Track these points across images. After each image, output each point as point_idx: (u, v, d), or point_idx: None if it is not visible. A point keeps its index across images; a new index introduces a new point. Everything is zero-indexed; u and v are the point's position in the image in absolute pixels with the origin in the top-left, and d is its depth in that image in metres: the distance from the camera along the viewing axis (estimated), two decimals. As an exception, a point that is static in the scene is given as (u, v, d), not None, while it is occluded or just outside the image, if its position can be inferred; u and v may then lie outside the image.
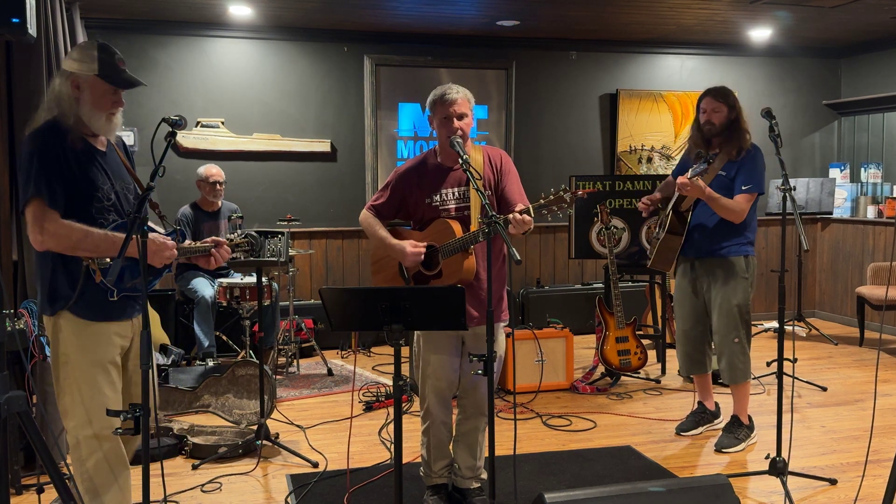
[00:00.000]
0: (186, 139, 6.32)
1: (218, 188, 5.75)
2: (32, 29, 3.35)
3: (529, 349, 5.15)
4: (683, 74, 7.42)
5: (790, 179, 3.73)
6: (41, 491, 3.32)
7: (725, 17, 6.20)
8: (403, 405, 4.11)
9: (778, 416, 3.55)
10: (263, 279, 4.51)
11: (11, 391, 2.05)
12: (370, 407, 4.86)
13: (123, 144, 2.85)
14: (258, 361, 4.19)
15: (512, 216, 2.88)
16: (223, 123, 6.45)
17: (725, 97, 4.02)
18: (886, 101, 7.16)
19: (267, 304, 5.54)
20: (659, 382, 5.44)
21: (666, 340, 5.83)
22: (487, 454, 2.81)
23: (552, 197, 2.86)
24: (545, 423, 4.61)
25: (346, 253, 6.82)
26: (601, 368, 5.43)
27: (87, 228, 2.54)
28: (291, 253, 5.39)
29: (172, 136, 2.46)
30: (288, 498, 3.56)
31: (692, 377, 4.52)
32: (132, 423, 2.34)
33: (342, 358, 6.28)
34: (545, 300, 6.89)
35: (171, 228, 2.78)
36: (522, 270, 7.13)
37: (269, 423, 4.17)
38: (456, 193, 3.19)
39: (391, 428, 3.92)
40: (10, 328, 3.27)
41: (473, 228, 3.09)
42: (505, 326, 3.39)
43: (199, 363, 5.51)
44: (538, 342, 5.14)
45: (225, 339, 5.93)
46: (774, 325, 3.76)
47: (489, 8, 5.92)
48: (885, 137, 7.35)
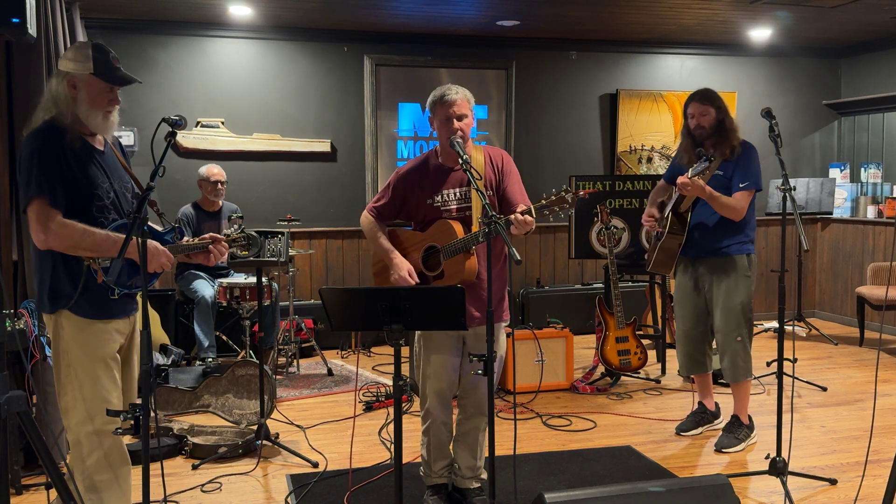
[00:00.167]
0: (186, 139, 6.32)
1: (219, 188, 5.76)
2: (32, 29, 3.35)
3: (529, 349, 5.14)
4: (683, 74, 7.42)
5: (790, 179, 3.74)
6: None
7: (725, 17, 6.20)
8: (403, 405, 4.11)
9: (778, 416, 3.55)
10: (263, 279, 4.51)
11: (11, 391, 2.05)
12: (370, 407, 4.86)
13: (120, 144, 2.88)
14: (258, 361, 4.19)
15: (514, 217, 2.88)
16: (223, 123, 6.45)
17: (711, 100, 4.04)
18: (886, 101, 7.16)
19: (267, 304, 5.54)
20: (659, 382, 5.44)
21: (666, 340, 5.83)
22: (487, 454, 2.81)
23: (553, 197, 2.86)
24: (545, 423, 4.61)
25: (346, 253, 6.82)
26: (601, 368, 5.43)
27: (88, 228, 2.57)
28: (291, 253, 5.39)
29: (172, 136, 2.48)
30: (288, 498, 3.56)
31: (692, 377, 4.53)
32: (131, 423, 2.37)
33: (342, 358, 6.28)
34: (545, 300, 6.89)
35: (169, 226, 2.80)
36: (522, 270, 7.13)
37: (269, 423, 4.17)
38: (457, 194, 3.19)
39: (391, 428, 3.92)
40: (10, 328, 3.27)
41: (475, 229, 3.09)
42: (505, 326, 3.39)
43: (199, 363, 5.52)
44: (538, 342, 5.14)
45: (225, 339, 5.93)
46: (774, 325, 3.76)
47: (489, 8, 5.92)
48: (885, 137, 7.35)
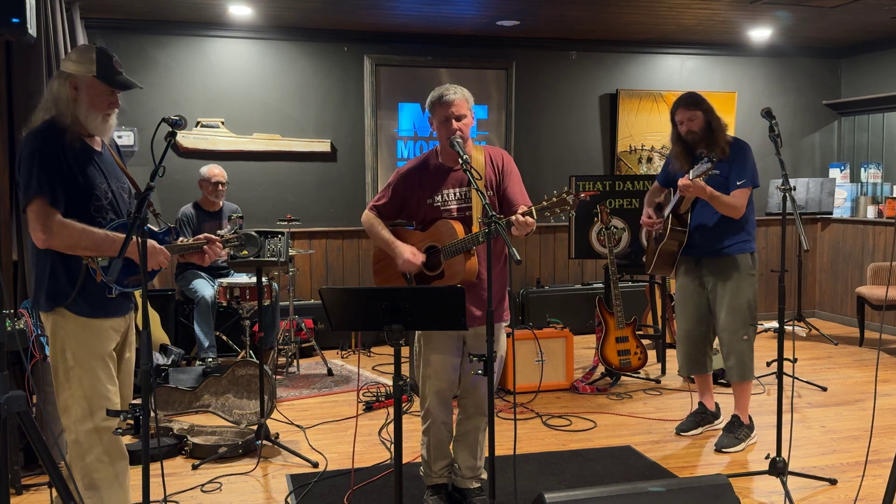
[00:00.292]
0: (186, 139, 6.32)
1: (220, 189, 5.76)
2: (32, 29, 3.36)
3: (529, 349, 5.14)
4: (683, 74, 7.42)
5: (790, 179, 3.74)
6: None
7: (725, 17, 6.20)
8: (403, 405, 4.11)
9: (778, 416, 3.55)
10: (263, 279, 4.51)
11: (11, 391, 2.05)
12: (370, 407, 4.86)
13: (116, 145, 2.94)
14: (258, 361, 4.19)
15: (514, 218, 2.88)
16: (223, 123, 6.45)
17: (697, 104, 4.06)
18: (886, 101, 7.16)
19: (267, 304, 5.54)
20: (659, 382, 5.44)
21: (666, 340, 5.83)
22: (487, 454, 2.81)
23: (555, 199, 2.85)
24: (545, 423, 4.61)
25: (346, 253, 6.82)
26: (601, 368, 5.43)
27: (87, 228, 2.60)
28: (291, 253, 5.39)
29: (172, 136, 2.50)
30: (288, 498, 3.56)
31: (692, 377, 4.53)
32: (131, 423, 2.40)
33: (342, 358, 6.28)
34: (545, 300, 6.89)
35: (165, 226, 2.83)
36: (522, 270, 7.13)
37: (269, 423, 4.17)
38: (457, 194, 3.19)
39: (391, 428, 3.92)
40: (10, 328, 3.27)
41: (475, 229, 3.09)
42: (505, 326, 3.39)
43: (199, 363, 5.52)
44: (538, 342, 5.14)
45: (225, 339, 5.93)
46: (774, 325, 3.76)
47: (489, 8, 5.92)
48: (885, 137, 7.35)
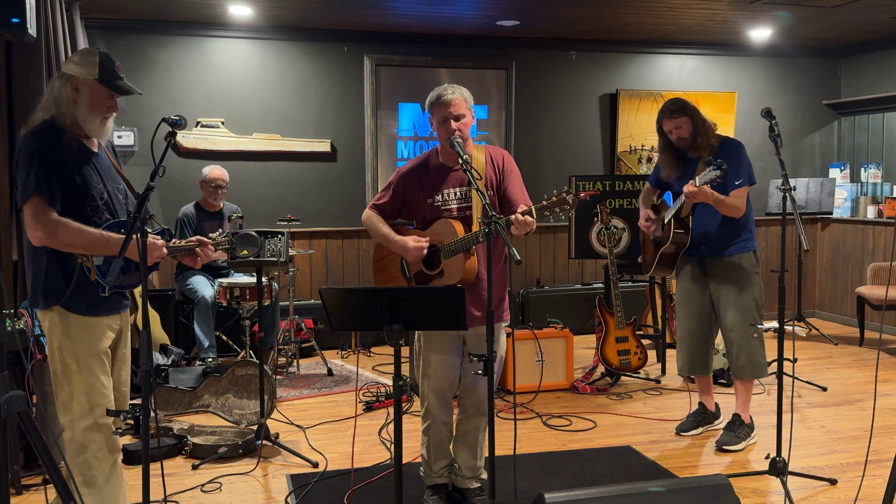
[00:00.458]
0: (186, 139, 6.32)
1: (219, 192, 5.77)
2: (32, 29, 3.36)
3: (529, 349, 5.14)
4: (683, 74, 7.42)
5: (790, 179, 3.74)
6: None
7: (725, 17, 6.20)
8: (403, 405, 4.11)
9: (778, 416, 3.55)
10: (263, 279, 4.51)
11: (11, 391, 2.06)
12: (370, 407, 4.86)
13: (112, 147, 2.97)
14: (258, 361, 4.19)
15: (514, 217, 2.88)
16: (223, 123, 6.45)
17: (682, 110, 4.06)
18: (886, 101, 7.16)
19: (267, 304, 5.54)
20: (659, 382, 5.44)
21: (666, 340, 5.83)
22: (487, 454, 2.81)
23: (554, 199, 2.85)
24: (545, 423, 4.61)
25: (346, 253, 6.82)
26: (601, 368, 5.43)
27: (83, 227, 2.63)
28: (291, 253, 5.39)
29: (172, 136, 2.52)
30: (288, 498, 3.56)
31: (692, 377, 4.53)
32: (131, 423, 2.42)
33: (342, 358, 6.28)
34: (545, 300, 6.89)
35: (159, 227, 2.86)
36: (522, 270, 7.13)
37: (269, 423, 4.17)
38: (457, 193, 3.19)
39: (391, 428, 3.92)
40: (10, 328, 3.28)
41: (475, 229, 3.09)
42: (505, 326, 3.39)
43: (199, 363, 5.52)
44: (538, 342, 5.14)
45: (225, 339, 5.93)
46: (774, 325, 3.76)
47: (489, 8, 5.92)
48: (885, 137, 7.35)
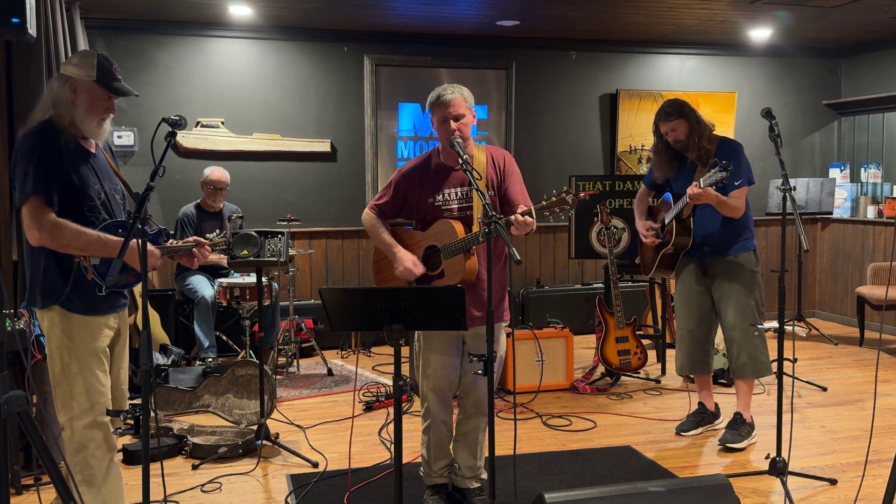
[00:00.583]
0: (186, 139, 6.32)
1: (219, 194, 5.78)
2: (32, 29, 3.36)
3: (529, 349, 5.14)
4: (683, 74, 7.42)
5: (790, 179, 3.74)
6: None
7: (725, 17, 6.20)
8: (403, 405, 4.11)
9: (778, 416, 3.55)
10: (263, 279, 4.51)
11: (11, 391, 2.06)
12: (370, 407, 4.86)
13: (110, 148, 2.99)
14: (258, 361, 4.19)
15: (514, 218, 2.88)
16: (223, 123, 6.45)
17: (677, 112, 4.06)
18: (886, 101, 7.16)
19: (267, 304, 5.54)
20: (659, 382, 5.44)
21: (666, 340, 5.83)
22: (487, 454, 2.81)
23: (554, 199, 2.86)
24: (545, 423, 4.61)
25: (346, 253, 6.82)
26: (601, 368, 5.43)
27: (80, 228, 2.64)
28: (291, 253, 5.39)
29: (172, 136, 2.53)
30: (288, 498, 3.56)
31: (692, 377, 4.53)
32: (131, 423, 2.45)
33: (342, 358, 6.28)
34: (545, 300, 6.89)
35: (156, 228, 2.87)
36: (522, 270, 7.13)
37: (269, 423, 4.17)
38: (458, 193, 3.19)
39: (391, 428, 3.92)
40: (10, 328, 3.28)
41: (476, 229, 3.09)
42: (505, 326, 3.39)
43: (199, 363, 5.52)
44: (538, 342, 5.14)
45: (225, 339, 5.93)
46: (774, 325, 3.76)
47: (489, 8, 5.92)
48: (885, 137, 7.35)
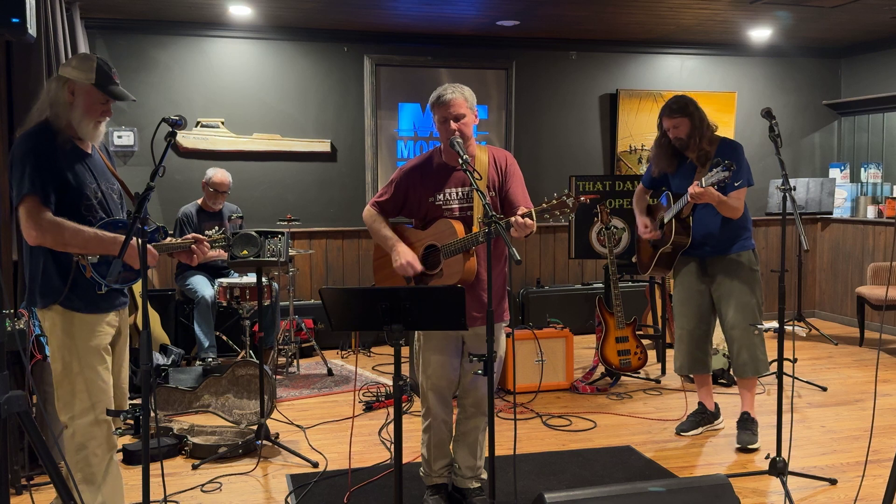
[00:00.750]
0: (186, 139, 6.32)
1: (220, 198, 5.79)
2: (32, 29, 3.36)
3: (529, 349, 5.14)
4: (683, 74, 7.42)
5: (790, 179, 3.74)
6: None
7: (725, 17, 6.20)
8: (403, 405, 4.11)
9: (778, 416, 3.55)
10: (263, 279, 4.51)
11: (11, 391, 2.06)
12: (370, 407, 4.86)
13: (106, 148, 3.01)
14: (258, 361, 4.19)
15: (513, 219, 2.88)
16: (223, 123, 6.45)
17: (682, 110, 4.05)
18: (886, 101, 7.16)
19: (267, 304, 5.54)
20: (659, 382, 5.44)
21: (666, 340, 5.82)
22: (487, 454, 2.81)
23: (555, 201, 2.86)
24: (545, 423, 4.61)
25: (346, 253, 6.82)
26: (601, 368, 5.43)
27: (78, 227, 2.67)
28: (291, 253, 5.39)
29: (172, 136, 2.54)
30: (288, 498, 3.56)
31: (692, 377, 4.53)
32: (131, 423, 2.46)
33: (342, 358, 6.28)
34: (545, 300, 6.89)
35: (154, 225, 2.87)
36: (522, 270, 7.13)
37: (269, 423, 4.17)
38: (459, 193, 3.20)
39: (391, 428, 3.92)
40: (10, 328, 3.28)
41: (476, 229, 3.09)
42: (505, 326, 3.39)
43: (199, 363, 5.52)
44: (538, 342, 5.14)
45: (225, 339, 5.93)
46: (774, 325, 3.76)
47: (489, 8, 5.92)
48: (885, 137, 7.35)
